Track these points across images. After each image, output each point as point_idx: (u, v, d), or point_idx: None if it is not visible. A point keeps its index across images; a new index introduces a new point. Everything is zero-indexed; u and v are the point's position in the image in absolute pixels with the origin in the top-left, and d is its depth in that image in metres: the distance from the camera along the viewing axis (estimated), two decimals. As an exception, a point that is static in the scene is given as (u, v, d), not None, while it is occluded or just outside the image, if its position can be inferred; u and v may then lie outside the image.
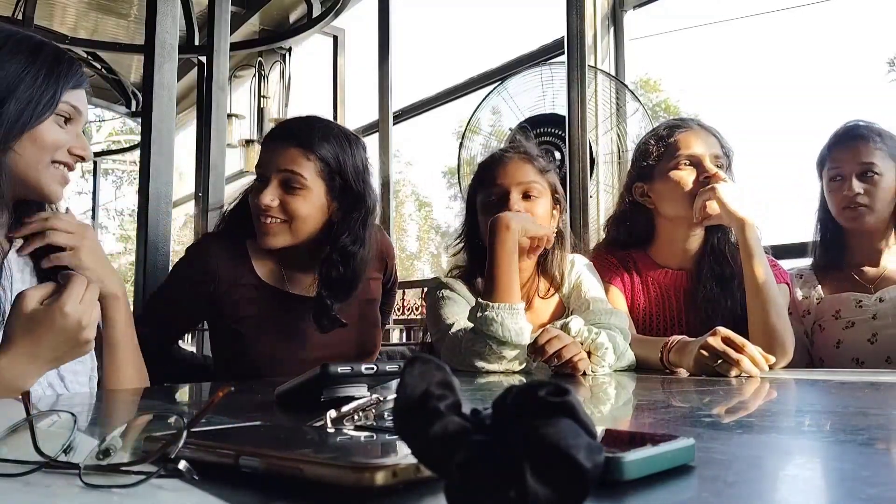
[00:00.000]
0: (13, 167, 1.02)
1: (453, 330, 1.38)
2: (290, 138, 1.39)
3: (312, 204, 1.38)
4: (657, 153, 1.58)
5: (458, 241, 1.61)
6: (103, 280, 1.08)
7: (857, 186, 1.56)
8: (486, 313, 1.28)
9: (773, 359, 1.21)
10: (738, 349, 1.18)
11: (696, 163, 1.52)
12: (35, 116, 1.03)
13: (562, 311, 1.51)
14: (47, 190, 1.06)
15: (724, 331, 1.21)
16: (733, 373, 1.16)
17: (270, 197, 1.35)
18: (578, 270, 1.53)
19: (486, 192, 1.50)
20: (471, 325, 1.34)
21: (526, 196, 1.46)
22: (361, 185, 1.43)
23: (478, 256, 1.53)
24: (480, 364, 1.29)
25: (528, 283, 1.51)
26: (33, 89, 1.03)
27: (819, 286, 1.66)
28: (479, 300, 1.32)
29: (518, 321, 1.29)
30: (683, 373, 1.25)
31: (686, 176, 1.52)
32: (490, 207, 1.47)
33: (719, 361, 1.18)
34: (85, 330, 0.92)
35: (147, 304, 1.55)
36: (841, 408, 0.78)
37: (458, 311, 1.44)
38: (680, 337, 1.31)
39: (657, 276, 1.59)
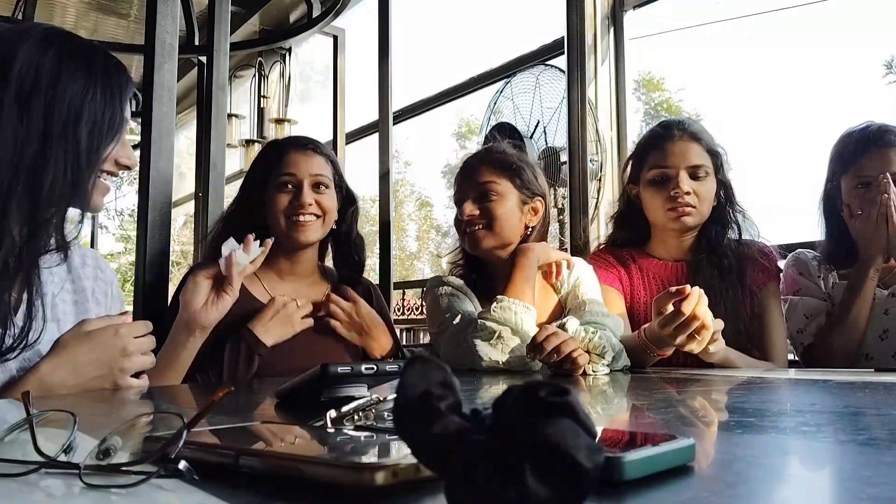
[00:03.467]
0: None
1: (457, 321, 1.40)
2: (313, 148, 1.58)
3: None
4: (641, 159, 1.63)
5: (456, 243, 1.67)
6: None
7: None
8: (504, 303, 1.35)
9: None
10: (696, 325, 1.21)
11: (669, 176, 1.56)
12: (104, 142, 1.02)
13: (560, 312, 1.52)
14: (93, 203, 1.07)
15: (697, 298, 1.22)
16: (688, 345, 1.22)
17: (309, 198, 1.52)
18: (577, 273, 1.54)
19: (454, 198, 1.59)
20: (475, 315, 1.39)
21: (483, 198, 1.51)
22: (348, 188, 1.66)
23: (471, 260, 1.60)
24: (482, 350, 1.30)
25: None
26: (97, 112, 1.01)
27: (835, 272, 1.64)
28: (498, 295, 1.38)
29: (527, 318, 1.35)
30: (667, 351, 1.30)
31: (658, 189, 1.57)
32: (458, 224, 1.56)
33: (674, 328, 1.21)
34: (124, 359, 0.99)
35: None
36: (841, 408, 0.78)
37: (460, 306, 1.46)
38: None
39: (656, 269, 1.61)
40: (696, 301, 1.20)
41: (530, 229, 1.54)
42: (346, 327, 1.53)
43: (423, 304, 1.61)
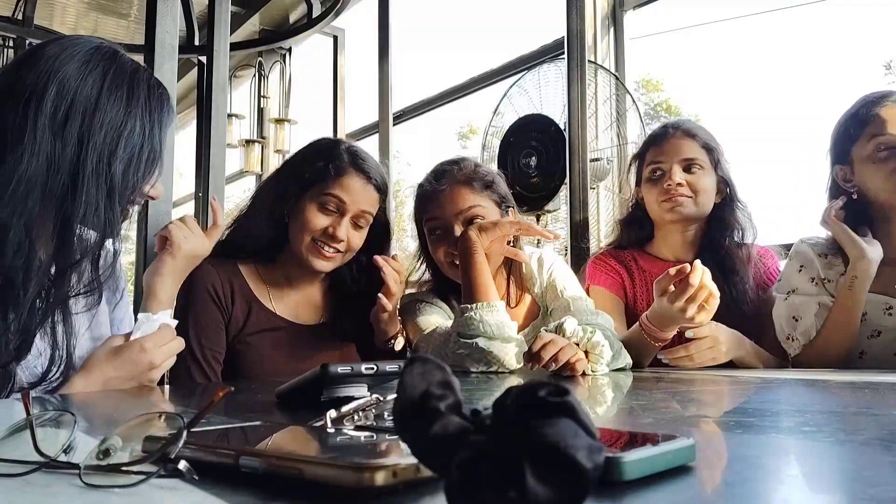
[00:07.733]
0: None
1: (434, 336, 1.37)
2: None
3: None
4: (641, 160, 1.68)
5: (419, 262, 1.61)
6: None
7: None
8: (466, 314, 1.29)
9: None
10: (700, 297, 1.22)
11: (663, 170, 1.59)
12: (140, 181, 0.98)
13: (536, 311, 1.50)
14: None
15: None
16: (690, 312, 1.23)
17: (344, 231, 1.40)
18: (549, 267, 1.50)
19: (431, 226, 1.49)
20: (448, 324, 1.35)
21: (470, 222, 1.43)
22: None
23: (440, 273, 1.52)
24: (469, 365, 1.27)
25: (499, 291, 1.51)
26: (134, 148, 0.96)
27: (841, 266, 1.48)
28: (460, 306, 1.33)
29: (497, 316, 1.29)
30: (668, 334, 1.32)
31: (654, 184, 1.61)
32: (437, 241, 1.47)
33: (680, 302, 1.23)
34: (153, 371, 1.05)
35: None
36: (841, 408, 0.78)
37: (434, 320, 1.44)
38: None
39: (658, 270, 1.60)
40: (702, 273, 1.23)
41: (510, 241, 1.48)
42: (393, 290, 1.41)
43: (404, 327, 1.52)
